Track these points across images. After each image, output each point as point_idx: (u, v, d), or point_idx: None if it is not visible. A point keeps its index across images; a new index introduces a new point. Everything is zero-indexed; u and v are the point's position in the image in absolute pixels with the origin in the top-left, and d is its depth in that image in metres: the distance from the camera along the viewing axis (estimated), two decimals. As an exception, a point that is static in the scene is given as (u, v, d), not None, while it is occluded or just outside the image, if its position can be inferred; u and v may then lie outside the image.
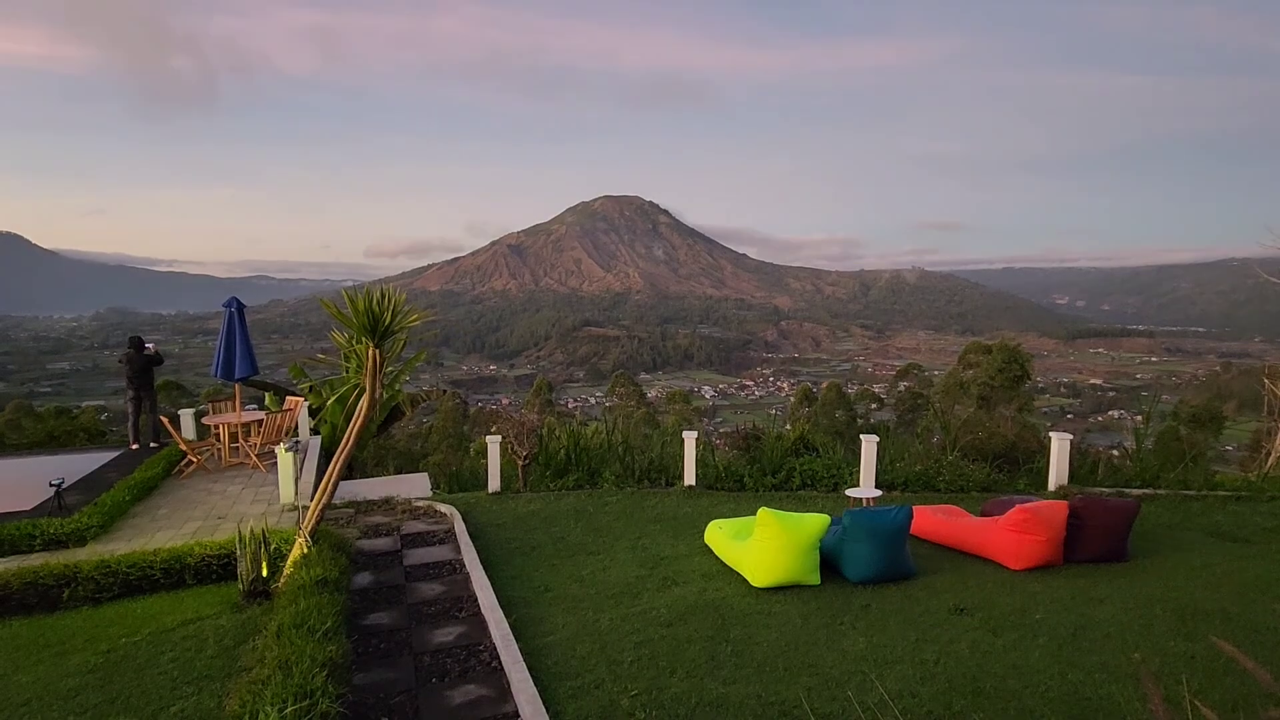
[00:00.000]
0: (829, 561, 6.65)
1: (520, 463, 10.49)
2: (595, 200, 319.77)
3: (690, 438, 10.31)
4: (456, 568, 6.92)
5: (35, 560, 6.51)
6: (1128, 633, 5.36)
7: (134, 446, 11.08)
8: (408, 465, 25.46)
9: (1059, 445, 9.84)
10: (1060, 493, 9.53)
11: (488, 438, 10.40)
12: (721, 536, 7.12)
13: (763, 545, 6.36)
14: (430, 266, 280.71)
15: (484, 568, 6.73)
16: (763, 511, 6.47)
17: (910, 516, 6.56)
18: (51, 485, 7.81)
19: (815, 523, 6.41)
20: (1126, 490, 9.96)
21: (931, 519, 7.63)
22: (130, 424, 11.15)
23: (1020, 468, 11.24)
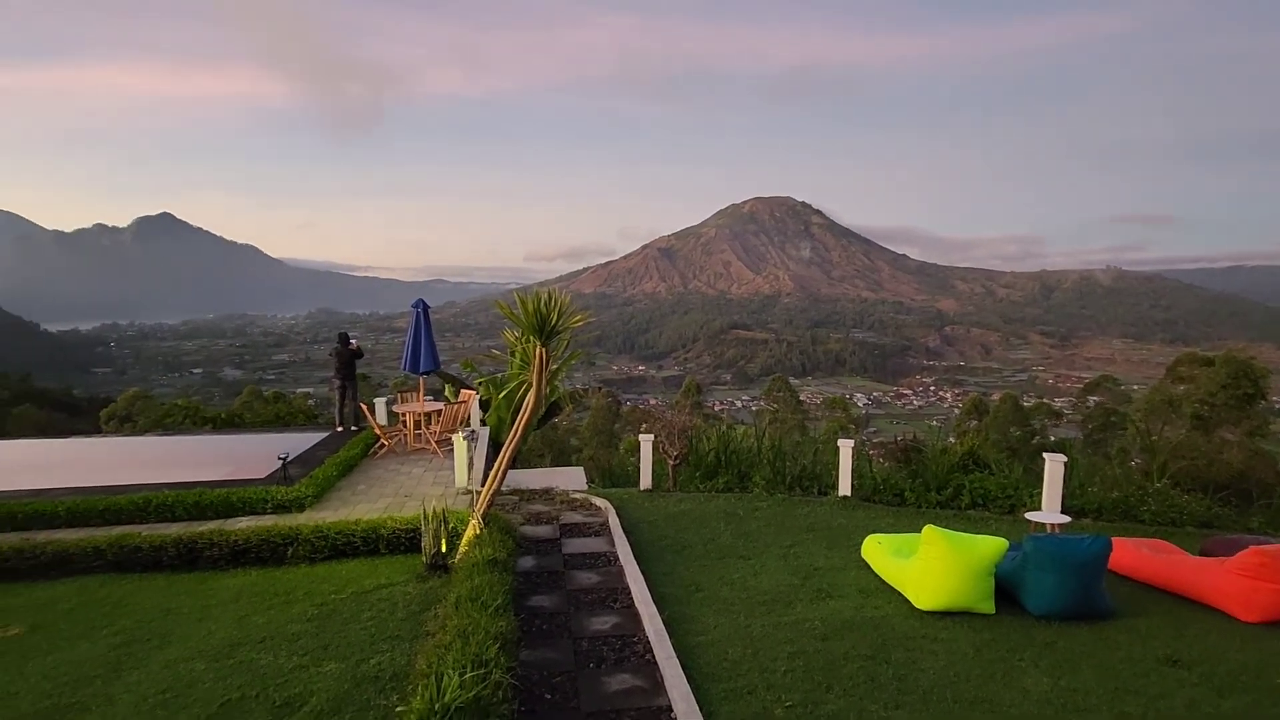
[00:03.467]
0: (1005, 590, 6.05)
1: (671, 462, 10.65)
2: (745, 202, 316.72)
3: (846, 446, 9.88)
4: (610, 560, 7.18)
5: (267, 521, 7.69)
6: None
7: (339, 429, 12.71)
8: (562, 458, 26.91)
9: (1309, 478, 8.20)
10: (1310, 535, 7.94)
11: (640, 436, 10.68)
12: (881, 552, 6.75)
13: (928, 565, 5.95)
14: (585, 270, 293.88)
15: (637, 562, 6.92)
16: (929, 529, 6.05)
17: (1108, 548, 5.80)
18: (279, 459, 9.19)
19: (990, 546, 5.88)
20: None
21: (1136, 554, 6.68)
22: (336, 409, 12.82)
23: (1253, 503, 9.51)
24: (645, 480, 10.36)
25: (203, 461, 11.22)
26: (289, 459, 9.23)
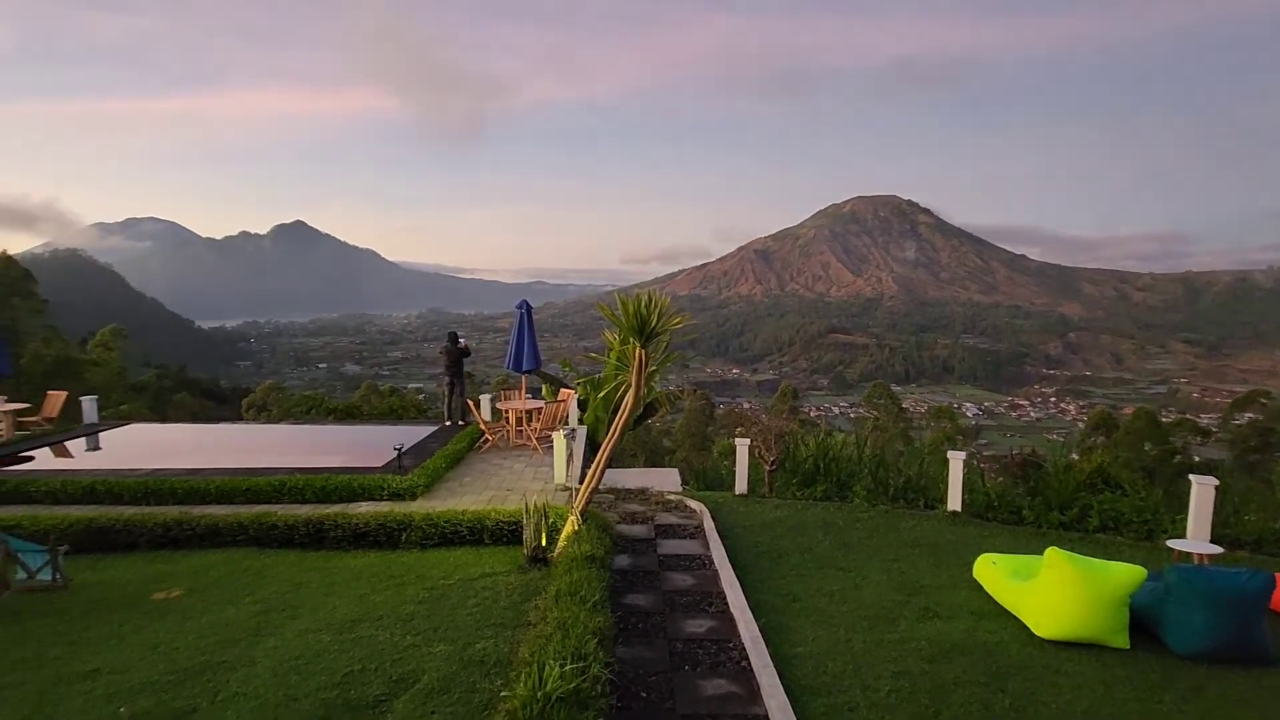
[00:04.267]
0: (1142, 624, 5.51)
1: (767, 468, 10.47)
2: (846, 202, 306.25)
3: (957, 459, 9.33)
4: (705, 563, 7.15)
5: (383, 507, 8.23)
6: None
7: (447, 423, 13.42)
8: (655, 459, 27.07)
9: None
10: None
11: (735, 440, 10.57)
12: (996, 573, 6.32)
13: (1051, 590, 5.52)
14: (680, 272, 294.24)
15: (732, 567, 6.85)
16: (1053, 552, 5.61)
17: (1272, 586, 5.15)
18: (395, 449, 9.82)
19: (1125, 574, 5.37)
20: None
21: (1303, 593, 5.89)
22: (445, 404, 13.54)
23: None
24: (740, 484, 10.24)
25: (327, 449, 12.18)
26: (404, 450, 9.84)
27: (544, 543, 6.83)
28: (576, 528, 6.90)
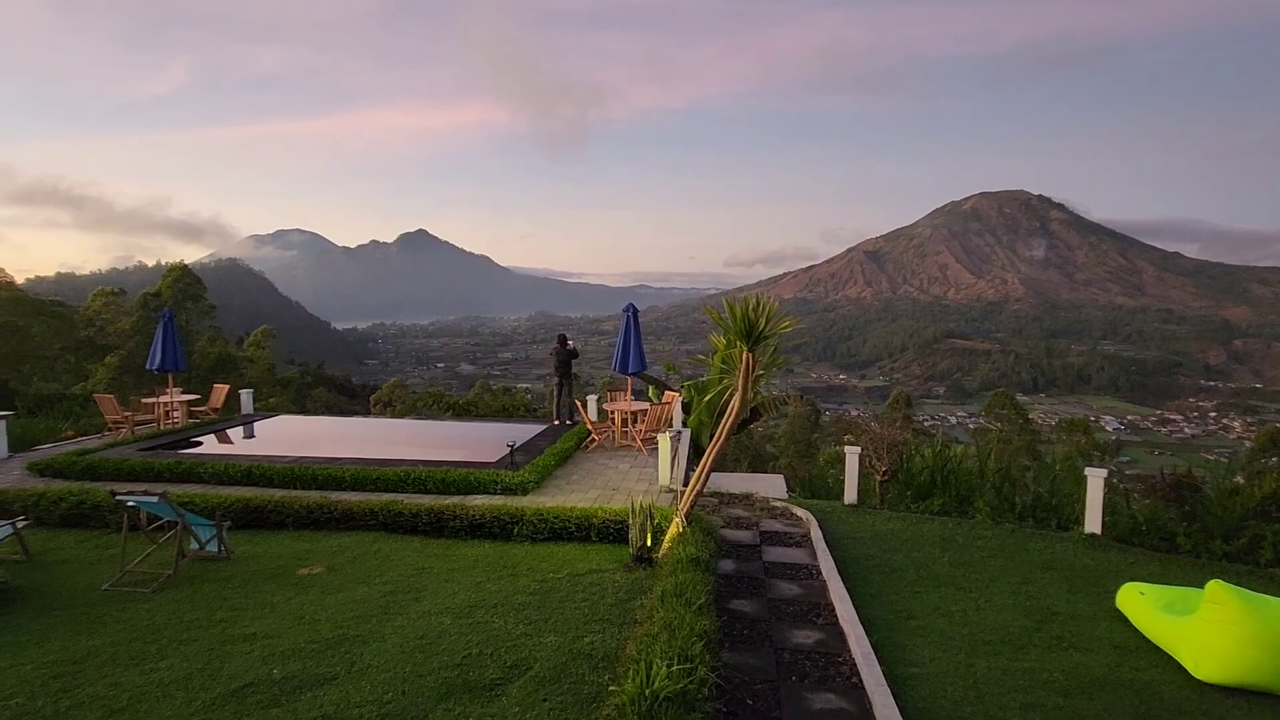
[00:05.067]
0: (1330, 674, 4.78)
1: (878, 478, 10.04)
2: (967, 199, 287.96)
3: (1097, 477, 8.52)
4: (813, 573, 6.96)
5: (497, 501, 8.64)
6: None
7: (555, 422, 13.88)
8: (757, 465, 26.63)
9: None
10: None
11: (845, 448, 10.21)
12: (1145, 605, 5.71)
13: (1213, 628, 4.92)
14: (785, 274, 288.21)
15: (841, 579, 6.62)
16: (1216, 585, 5.00)
17: None
18: (508, 445, 10.28)
19: (1308, 616, 4.69)
20: None
21: None
22: (554, 403, 14.01)
23: None
24: (850, 494, 9.88)
25: (446, 444, 12.96)
26: (516, 447, 10.28)
27: (649, 543, 6.91)
28: (681, 530, 6.93)
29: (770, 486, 11.02)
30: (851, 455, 9.94)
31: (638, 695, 3.73)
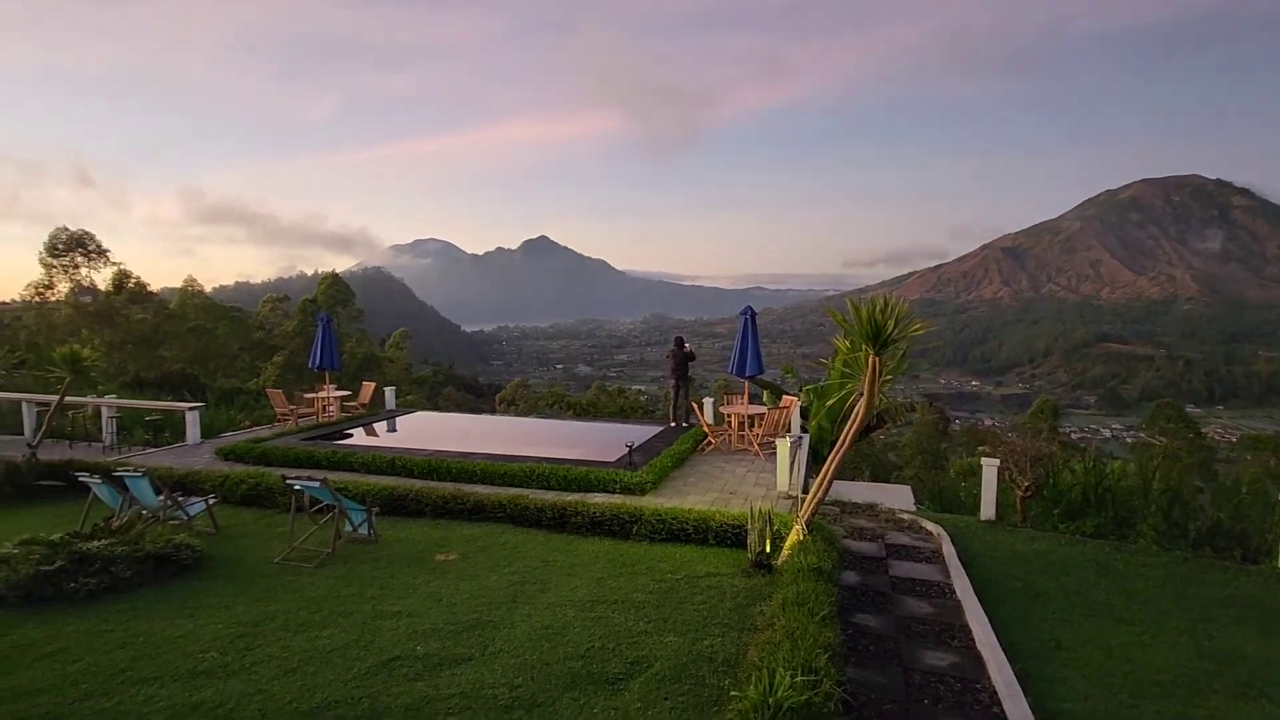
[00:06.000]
0: None
1: (1020, 493, 9.27)
2: (1124, 187, 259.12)
3: (1294, 502, 7.38)
4: (945, 591, 6.54)
5: (616, 499, 8.83)
6: None
7: (671, 424, 13.98)
8: (880, 474, 25.41)
9: None
10: None
11: (982, 460, 9.52)
12: (1362, 655, 4.87)
13: None
14: (911, 274, 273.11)
15: (978, 600, 6.18)
16: None
17: None
18: (626, 446, 10.49)
19: None
20: None
21: None
22: (671, 405, 14.13)
23: None
24: (987, 510, 9.19)
25: (566, 442, 13.43)
26: (634, 447, 10.47)
27: (768, 549, 6.79)
28: (802, 538, 6.75)
29: (896, 497, 10.47)
30: (989, 468, 9.24)
31: (760, 703, 3.68)
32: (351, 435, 13.55)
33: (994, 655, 5.05)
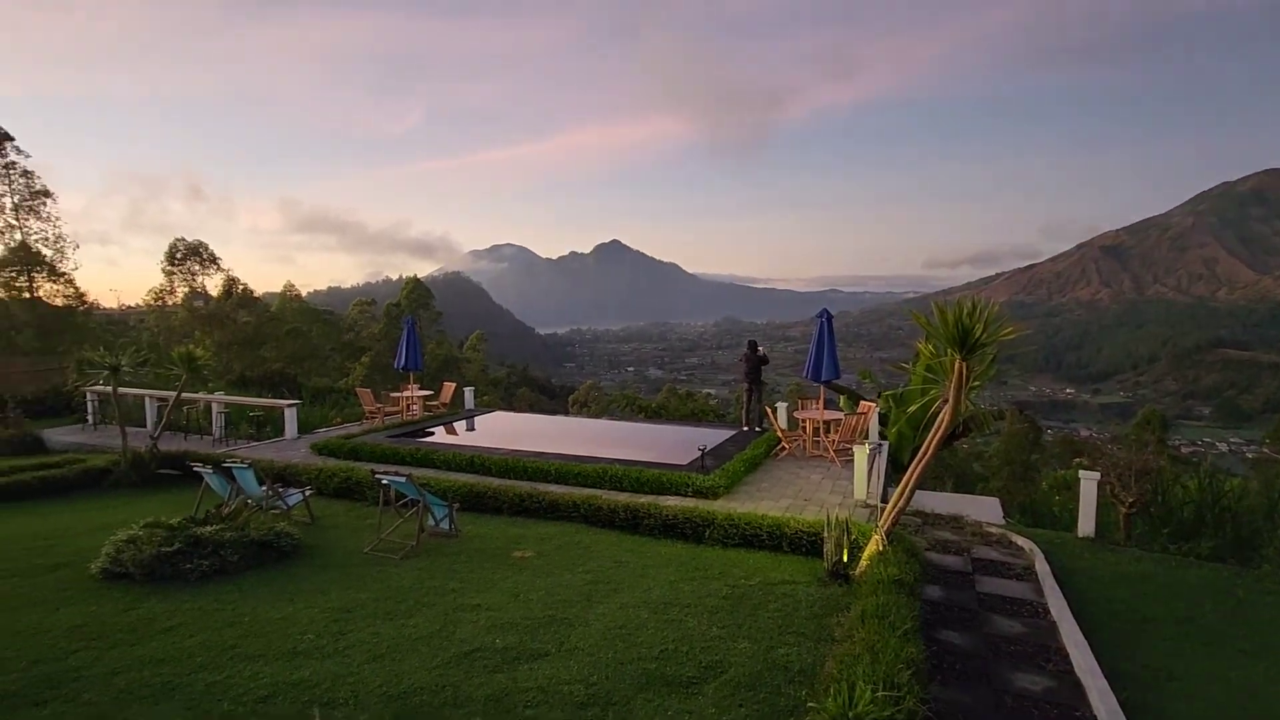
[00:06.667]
0: None
1: (1124, 510, 8.62)
2: (1245, 179, 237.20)
3: None
4: (1038, 611, 6.17)
5: (688, 503, 8.81)
6: None
7: (744, 428, 13.83)
8: (963, 485, 24.23)
9: None
10: None
11: (1080, 473, 8.92)
12: None
13: None
14: (998, 276, 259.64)
15: (1075, 621, 5.79)
16: None
17: None
18: (699, 450, 10.45)
19: None
20: None
21: None
22: (744, 409, 13.97)
23: None
24: (1085, 526, 8.60)
25: (638, 444, 13.51)
26: (707, 450, 10.41)
27: (845, 559, 6.61)
28: (881, 548, 6.53)
29: (983, 510, 9.96)
30: (1088, 481, 8.65)
31: (839, 717, 3.58)
32: (433, 433, 14.11)
33: (1095, 682, 4.72)
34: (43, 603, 5.90)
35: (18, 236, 26.57)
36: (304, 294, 47.46)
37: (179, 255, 32.15)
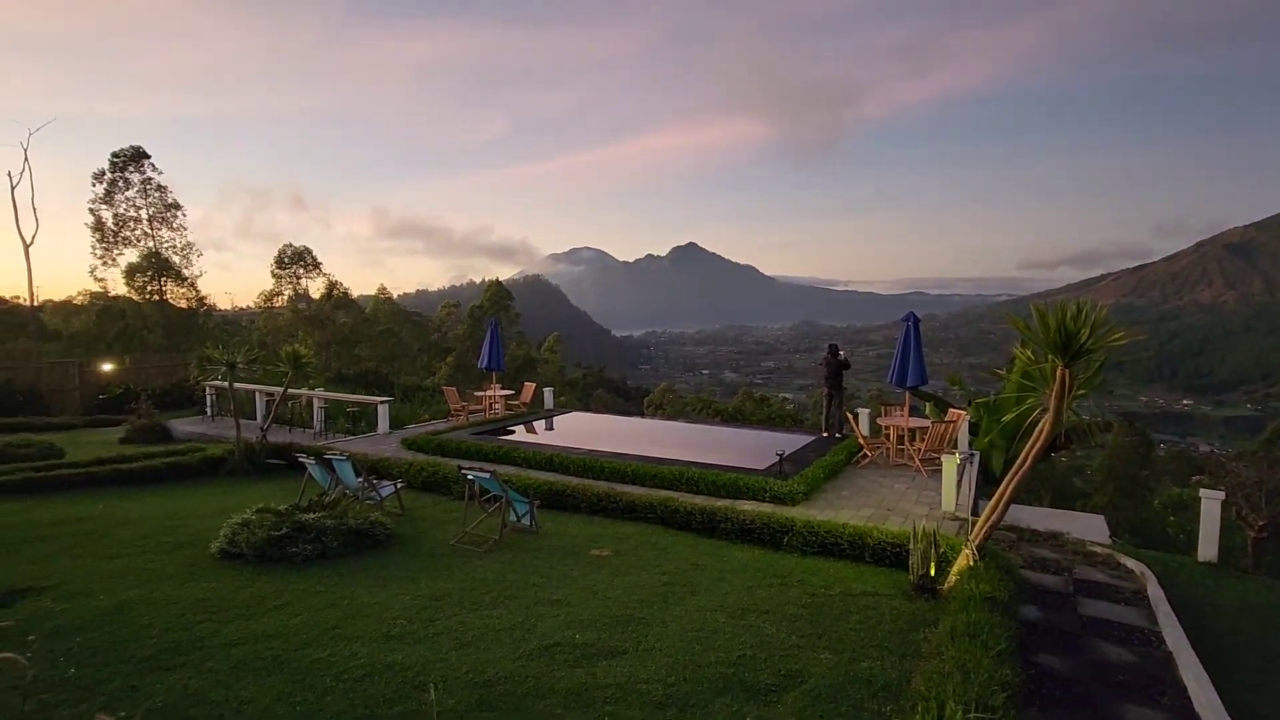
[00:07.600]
0: None
1: (1252, 533, 7.85)
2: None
3: None
4: (1151, 639, 5.71)
5: (765, 508, 8.69)
6: None
7: (824, 434, 13.49)
8: (1061, 500, 22.69)
9: None
10: None
11: (1201, 491, 8.18)
12: None
13: None
14: (1104, 277, 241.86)
15: (1195, 653, 5.32)
16: None
17: None
18: (777, 454, 10.29)
19: None
20: None
21: None
22: (824, 415, 13.64)
23: None
24: (1207, 550, 7.88)
25: (714, 447, 13.42)
26: (785, 455, 10.23)
27: (932, 573, 6.34)
28: (972, 563, 6.23)
29: (1086, 528, 9.31)
30: (1211, 501, 7.92)
31: (929, 735, 3.45)
32: (514, 432, 14.55)
33: (1216, 718, 4.32)
34: (172, 577, 6.49)
35: (151, 245, 29.39)
36: (395, 296, 50.04)
37: (286, 259, 34.62)
